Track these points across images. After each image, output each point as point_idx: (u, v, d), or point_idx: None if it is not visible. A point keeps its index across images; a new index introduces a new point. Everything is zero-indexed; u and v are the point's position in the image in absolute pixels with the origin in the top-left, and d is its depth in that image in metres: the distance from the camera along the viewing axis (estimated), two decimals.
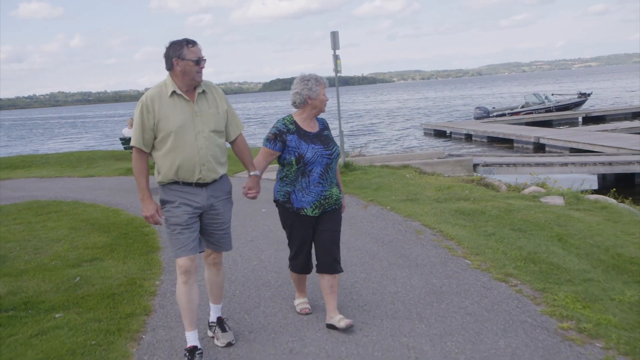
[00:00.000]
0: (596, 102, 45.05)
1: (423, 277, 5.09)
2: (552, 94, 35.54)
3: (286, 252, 6.07)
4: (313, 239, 4.09)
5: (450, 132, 27.62)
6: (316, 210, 3.97)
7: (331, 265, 4.03)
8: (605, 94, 60.33)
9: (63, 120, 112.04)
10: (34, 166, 16.09)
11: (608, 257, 5.38)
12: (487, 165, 12.96)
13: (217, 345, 3.84)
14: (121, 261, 6.03)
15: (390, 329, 4.01)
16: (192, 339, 3.67)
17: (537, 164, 12.71)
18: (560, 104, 32.91)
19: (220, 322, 3.95)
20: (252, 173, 3.82)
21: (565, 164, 12.65)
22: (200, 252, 3.74)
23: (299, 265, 4.15)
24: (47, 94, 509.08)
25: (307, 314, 4.30)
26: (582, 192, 9.07)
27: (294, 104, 4.00)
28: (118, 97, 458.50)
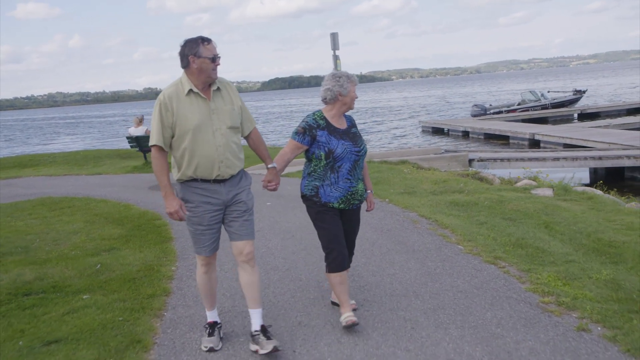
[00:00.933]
0: (594, 98, 45.57)
1: (419, 261, 5.53)
2: (548, 91, 36.06)
3: (292, 241, 6.53)
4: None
5: (448, 130, 28.06)
6: (342, 205, 4.02)
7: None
8: (603, 91, 60.83)
9: (63, 120, 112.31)
10: (41, 165, 16.52)
11: (589, 241, 5.82)
12: (481, 160, 13.41)
13: (260, 353, 3.63)
14: (137, 250, 6.45)
15: (389, 305, 4.44)
16: (211, 315, 3.91)
17: (530, 159, 13.17)
18: (555, 101, 33.39)
19: (264, 330, 3.74)
20: (270, 165, 3.84)
21: (557, 159, 13.11)
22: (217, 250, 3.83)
23: (337, 259, 3.98)
24: (45, 95, 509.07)
25: (354, 324, 3.95)
26: (573, 185, 9.50)
27: (324, 100, 4.03)
28: (116, 97, 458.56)
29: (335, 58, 11.78)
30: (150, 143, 3.57)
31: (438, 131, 29.53)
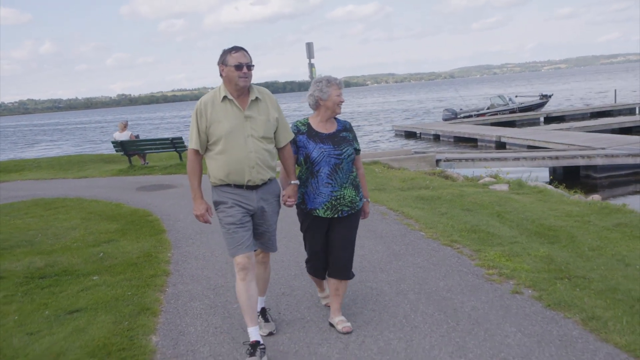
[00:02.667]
0: (569, 102, 47.09)
1: (385, 245, 6.34)
2: (516, 96, 37.42)
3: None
4: (327, 243, 4.10)
5: (420, 133, 29.08)
6: (328, 212, 3.95)
7: (340, 271, 4.09)
8: (572, 95, 62.84)
9: (36, 128, 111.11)
10: (26, 170, 16.99)
11: (533, 226, 6.71)
12: (448, 160, 14.35)
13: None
14: (134, 241, 7.15)
15: (359, 278, 5.23)
16: (254, 334, 3.75)
17: (493, 159, 14.14)
18: (523, 105, 34.72)
19: (263, 312, 4.13)
20: (292, 182, 3.93)
21: (518, 159, 14.11)
22: (254, 250, 3.89)
23: (312, 268, 4.23)
24: (16, 102, 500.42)
25: (328, 306, 4.38)
26: (529, 182, 10.44)
27: (310, 106, 4.04)
28: (90, 104, 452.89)
29: (311, 66, 12.61)
30: (189, 147, 3.77)
31: (410, 135, 30.53)
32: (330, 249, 4.08)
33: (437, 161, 14.21)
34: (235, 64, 3.58)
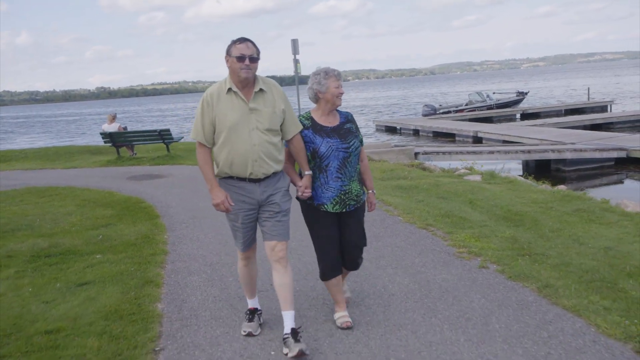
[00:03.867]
0: (545, 99, 48.11)
1: (367, 228, 6.74)
2: (494, 93, 38.33)
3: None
4: (338, 238, 4.01)
5: (400, 128, 29.74)
6: (337, 207, 3.89)
7: (354, 265, 4.19)
8: (549, 92, 64.12)
9: (14, 120, 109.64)
10: (14, 160, 17.21)
11: (501, 212, 7.30)
12: (426, 153, 14.97)
13: (289, 356, 3.61)
14: (131, 225, 7.60)
15: None
16: (252, 303, 4.07)
17: (468, 152, 14.79)
18: (500, 101, 35.64)
19: (294, 333, 3.67)
20: (306, 172, 3.85)
21: (492, 152, 14.78)
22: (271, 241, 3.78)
23: (324, 269, 3.99)
24: None
25: (348, 327, 4.01)
26: (501, 173, 11.06)
27: (311, 100, 3.99)
28: (68, 97, 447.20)
29: (296, 62, 13.10)
30: (190, 137, 3.79)
31: (391, 129, 31.18)
32: (344, 246, 4.01)
33: (416, 154, 14.82)
34: (238, 55, 3.55)
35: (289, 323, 3.72)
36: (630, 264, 4.98)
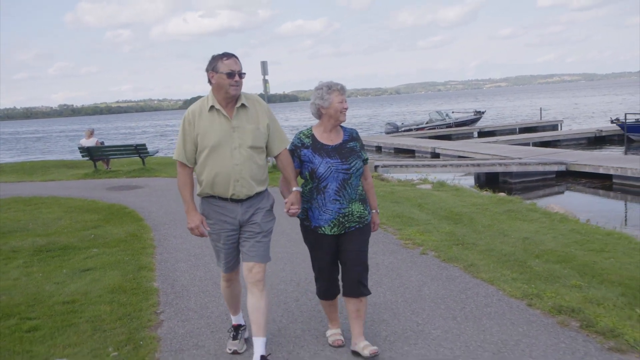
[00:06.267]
0: (508, 118, 50.07)
1: None
2: (452, 112, 40.17)
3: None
4: (338, 260, 3.85)
5: (364, 145, 31.02)
6: (335, 229, 3.72)
7: (356, 288, 3.76)
8: (514, 111, 66.86)
9: None
10: None
11: (444, 213, 8.46)
12: (385, 166, 16.19)
13: None
14: (118, 226, 8.50)
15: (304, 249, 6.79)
16: (235, 319, 4.07)
17: (424, 165, 16.08)
18: (458, 120, 37.43)
19: None
20: (294, 189, 3.69)
21: (445, 166, 16.11)
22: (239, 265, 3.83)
23: (321, 289, 3.92)
24: None
25: (339, 346, 3.91)
26: (450, 183, 12.28)
27: (313, 116, 3.81)
28: (29, 114, 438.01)
29: (265, 82, 14.19)
30: (173, 158, 3.70)
31: None
32: (342, 266, 3.83)
33: (376, 167, 15.98)
34: (227, 72, 3.45)
35: (259, 350, 3.60)
36: (539, 249, 6.15)
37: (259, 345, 3.61)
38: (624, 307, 4.34)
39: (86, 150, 16.11)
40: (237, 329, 4.02)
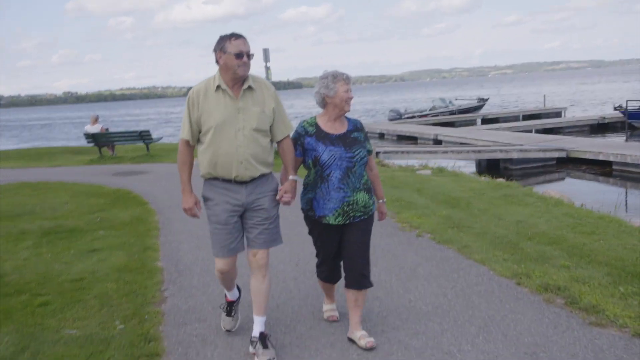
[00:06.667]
0: (508, 105, 49.88)
1: None
2: (456, 99, 40.20)
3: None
4: (341, 248, 3.85)
5: (367, 132, 31.14)
6: (339, 219, 3.70)
7: (358, 280, 3.78)
8: (519, 98, 66.76)
9: None
10: None
11: (442, 197, 8.64)
12: (386, 152, 16.36)
13: None
14: (124, 210, 8.72)
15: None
16: (231, 294, 4.02)
17: (425, 152, 16.22)
18: (462, 107, 37.48)
19: (262, 338, 3.67)
20: (290, 177, 3.70)
21: (446, 152, 16.26)
22: (241, 251, 3.72)
23: (323, 273, 4.01)
24: None
25: (334, 321, 4.10)
26: (450, 169, 12.44)
27: (318, 105, 3.79)
28: (33, 102, 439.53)
29: (267, 69, 14.35)
30: (180, 136, 3.65)
31: None
32: (345, 257, 3.83)
33: (377, 153, 16.14)
34: (236, 52, 3.42)
35: (258, 327, 3.70)
36: (531, 232, 6.33)
37: (259, 323, 3.72)
38: (608, 286, 4.53)
39: (91, 137, 16.34)
40: (231, 304, 4.02)
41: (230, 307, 4.03)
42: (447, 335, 3.87)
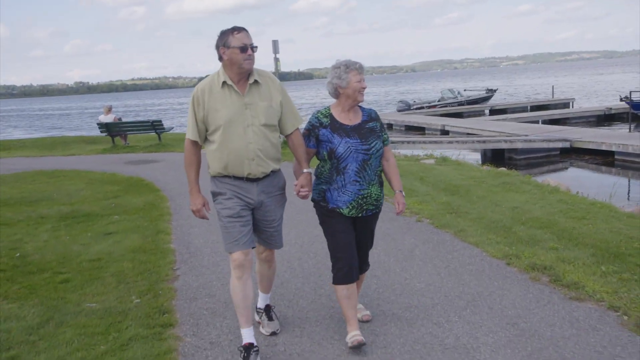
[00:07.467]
0: (518, 96, 49.74)
1: None
2: (465, 90, 40.29)
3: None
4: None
5: None
6: (353, 211, 3.65)
7: (360, 266, 3.83)
8: (522, 90, 66.47)
9: None
10: (13, 149, 18.48)
11: (444, 185, 8.93)
12: (393, 142, 16.62)
13: (261, 332, 3.88)
14: (137, 196, 9.09)
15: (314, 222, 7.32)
16: (247, 336, 3.53)
17: (430, 142, 16.49)
18: (470, 98, 37.60)
19: (267, 309, 3.90)
20: (305, 170, 3.61)
21: (451, 142, 16.52)
22: (252, 248, 3.56)
23: (343, 269, 3.62)
24: None
25: (360, 344, 3.55)
26: (455, 158, 12.70)
27: (330, 95, 3.70)
28: (46, 91, 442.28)
29: (276, 60, 14.64)
30: (186, 136, 3.53)
31: None
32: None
33: None
34: (240, 46, 3.34)
35: (263, 301, 3.96)
36: (525, 217, 6.62)
37: (263, 297, 3.99)
38: (591, 265, 4.82)
39: (105, 126, 16.74)
40: (248, 349, 3.47)
41: (248, 352, 3.45)
42: (437, 308, 4.20)
